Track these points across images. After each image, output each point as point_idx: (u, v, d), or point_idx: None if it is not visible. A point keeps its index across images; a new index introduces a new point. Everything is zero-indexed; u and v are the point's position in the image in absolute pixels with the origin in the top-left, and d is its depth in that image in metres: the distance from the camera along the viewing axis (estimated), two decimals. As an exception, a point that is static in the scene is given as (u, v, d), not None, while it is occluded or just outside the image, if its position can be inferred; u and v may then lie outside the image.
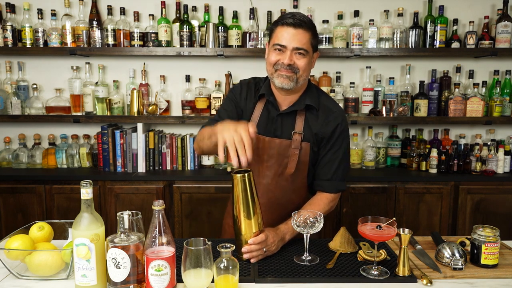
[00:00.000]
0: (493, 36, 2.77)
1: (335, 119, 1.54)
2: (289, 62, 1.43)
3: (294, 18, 1.42)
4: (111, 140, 2.72)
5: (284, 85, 1.47)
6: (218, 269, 1.10)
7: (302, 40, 1.42)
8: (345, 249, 1.43)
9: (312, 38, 1.45)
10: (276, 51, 1.45)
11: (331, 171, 1.55)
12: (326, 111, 1.55)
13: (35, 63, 2.93)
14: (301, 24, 1.42)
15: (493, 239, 1.30)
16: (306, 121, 1.54)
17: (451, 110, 2.78)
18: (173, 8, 2.83)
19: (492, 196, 2.65)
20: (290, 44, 1.42)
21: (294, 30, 1.42)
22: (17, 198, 2.60)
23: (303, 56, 1.44)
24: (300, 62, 1.44)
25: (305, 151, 1.53)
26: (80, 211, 1.12)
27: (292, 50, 1.43)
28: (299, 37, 1.42)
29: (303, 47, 1.43)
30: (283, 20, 1.44)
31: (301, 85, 1.51)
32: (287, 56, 1.43)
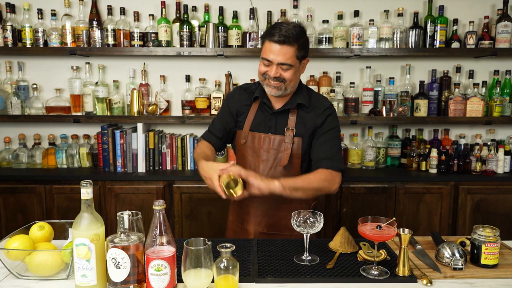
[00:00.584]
0: (493, 36, 2.77)
1: (325, 111, 1.66)
2: (275, 75, 1.56)
3: (279, 35, 1.51)
4: (111, 140, 2.72)
5: (273, 94, 1.61)
6: (218, 269, 1.10)
7: (286, 55, 1.53)
8: (345, 249, 1.43)
9: (297, 51, 1.55)
10: (263, 65, 1.58)
11: (328, 149, 1.62)
12: (317, 107, 1.67)
13: (35, 63, 2.93)
14: (285, 40, 1.51)
15: (493, 239, 1.30)
16: (298, 118, 1.66)
17: (451, 110, 2.78)
18: (173, 8, 2.83)
19: (492, 196, 2.65)
20: (275, 60, 1.54)
21: (279, 47, 1.52)
22: (17, 198, 2.60)
23: (288, 69, 1.56)
24: (286, 74, 1.56)
25: (297, 145, 1.64)
26: (80, 211, 1.12)
27: (278, 65, 1.55)
28: (283, 52, 1.52)
29: (287, 62, 1.54)
30: (270, 35, 1.54)
31: (292, 90, 1.64)
32: (273, 70, 1.55)
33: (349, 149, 2.89)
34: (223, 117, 1.75)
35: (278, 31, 1.52)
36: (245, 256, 1.39)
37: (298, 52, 1.55)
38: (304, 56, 1.60)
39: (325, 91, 2.86)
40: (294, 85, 1.62)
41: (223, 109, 1.77)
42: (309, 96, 1.69)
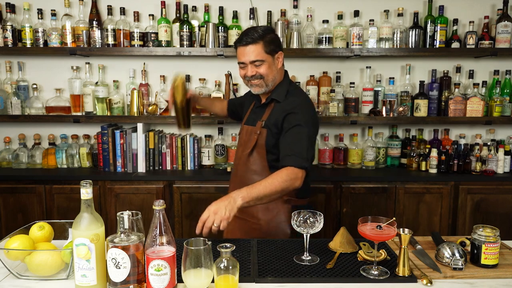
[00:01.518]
0: (493, 36, 2.77)
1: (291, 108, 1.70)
2: (252, 73, 1.71)
3: (244, 39, 1.69)
4: (111, 140, 2.72)
5: (257, 92, 1.78)
6: (218, 269, 1.10)
7: (254, 53, 1.69)
8: (345, 249, 1.43)
9: (264, 46, 1.69)
10: (241, 67, 1.75)
11: (292, 146, 1.64)
12: (289, 102, 1.74)
13: (35, 63, 2.93)
14: (250, 41, 1.68)
15: (493, 239, 1.30)
16: (272, 111, 1.76)
17: (451, 110, 2.78)
18: (173, 8, 2.83)
19: (492, 196, 2.65)
20: (247, 60, 1.70)
21: (246, 48, 1.70)
22: (17, 198, 2.60)
23: (261, 64, 1.70)
24: (261, 70, 1.71)
25: (261, 136, 1.74)
26: (80, 211, 1.12)
27: (250, 63, 1.71)
28: (250, 52, 1.69)
29: (256, 58, 1.69)
30: (238, 41, 1.73)
31: (273, 84, 1.77)
32: (249, 69, 1.72)
33: (349, 149, 2.89)
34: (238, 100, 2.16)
35: (244, 36, 1.70)
36: (245, 256, 1.39)
37: (266, 48, 1.69)
38: (275, 50, 1.73)
39: (325, 91, 2.86)
40: (273, 79, 1.75)
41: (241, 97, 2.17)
42: (287, 91, 1.78)
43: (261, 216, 1.73)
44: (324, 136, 2.92)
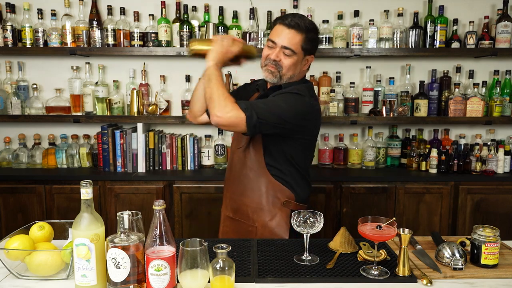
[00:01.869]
0: (493, 36, 2.77)
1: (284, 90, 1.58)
2: (275, 58, 1.56)
3: (291, 19, 1.53)
4: (111, 140, 2.72)
5: (268, 79, 1.61)
6: (214, 269, 1.10)
7: (291, 40, 1.53)
8: (345, 249, 1.43)
9: (304, 41, 1.55)
10: (268, 47, 1.59)
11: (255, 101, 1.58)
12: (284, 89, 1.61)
13: (35, 63, 2.93)
14: (295, 26, 1.53)
15: (493, 239, 1.30)
16: None
17: (451, 110, 2.78)
18: (173, 8, 2.83)
19: (492, 196, 2.65)
20: (280, 42, 1.54)
21: (287, 29, 1.53)
22: (17, 198, 2.60)
23: (289, 56, 1.55)
24: (285, 61, 1.56)
25: None
26: (80, 211, 1.12)
27: (281, 48, 1.55)
28: (289, 36, 1.53)
29: (291, 47, 1.54)
30: (282, 19, 1.56)
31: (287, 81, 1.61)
32: (275, 52, 1.56)
33: (349, 149, 2.89)
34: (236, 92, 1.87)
35: (291, 16, 1.54)
36: (245, 256, 1.39)
37: (304, 43, 1.55)
38: (310, 51, 1.60)
39: (325, 91, 2.86)
40: (290, 76, 1.59)
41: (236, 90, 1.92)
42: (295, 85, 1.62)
43: (256, 218, 1.64)
44: (324, 136, 2.92)
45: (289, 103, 1.52)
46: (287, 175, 1.63)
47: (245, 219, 1.67)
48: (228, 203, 1.75)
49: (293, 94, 1.55)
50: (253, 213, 1.64)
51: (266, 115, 1.47)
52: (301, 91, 1.58)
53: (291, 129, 1.55)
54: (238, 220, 1.69)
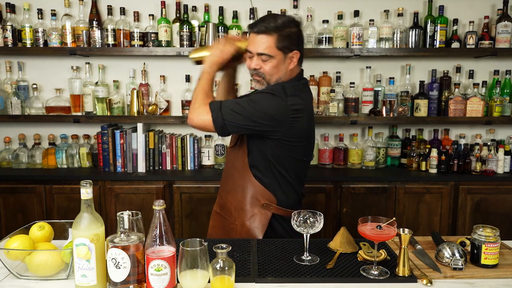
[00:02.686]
0: (493, 36, 2.77)
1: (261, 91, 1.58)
2: (254, 66, 1.55)
3: (259, 25, 1.51)
4: (111, 140, 2.72)
5: (257, 88, 1.61)
6: (214, 269, 1.10)
7: (263, 45, 1.51)
8: (345, 249, 1.43)
9: (277, 41, 1.51)
10: (249, 57, 1.58)
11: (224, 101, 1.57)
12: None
13: (35, 63, 2.93)
14: (263, 30, 1.50)
15: (493, 239, 1.30)
16: None
17: (451, 110, 2.78)
18: (173, 8, 2.83)
19: (492, 196, 2.65)
20: (254, 50, 1.53)
21: (257, 36, 1.52)
22: (17, 198, 2.60)
23: (267, 61, 1.53)
24: (265, 67, 1.54)
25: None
26: (80, 211, 1.12)
27: (257, 56, 1.53)
28: (261, 42, 1.51)
29: (265, 52, 1.51)
30: (251, 26, 1.55)
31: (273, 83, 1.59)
32: (253, 62, 1.55)
33: (349, 149, 2.89)
34: None
35: (260, 21, 1.52)
36: (245, 256, 1.39)
37: (279, 43, 1.51)
38: (289, 48, 1.54)
39: (325, 91, 2.86)
40: (277, 79, 1.56)
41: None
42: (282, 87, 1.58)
43: (237, 216, 1.64)
44: (324, 136, 2.92)
45: (258, 103, 1.50)
46: (268, 177, 1.60)
47: (229, 216, 1.68)
48: (218, 199, 1.78)
49: (264, 93, 1.53)
50: (235, 211, 1.65)
51: (233, 116, 1.48)
52: (275, 91, 1.53)
53: (262, 130, 1.52)
54: (223, 216, 1.71)
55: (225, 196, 1.71)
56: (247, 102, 1.51)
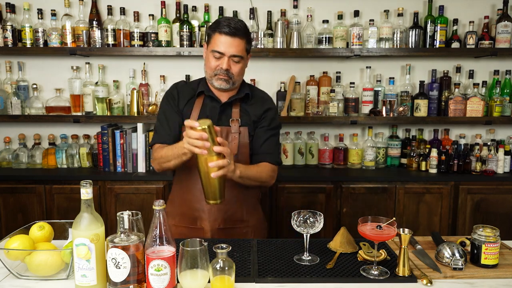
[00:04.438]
0: (493, 36, 2.77)
1: (269, 104, 1.76)
2: (227, 67, 1.59)
3: (230, 27, 1.55)
4: (111, 140, 2.72)
5: (222, 86, 1.63)
6: (214, 269, 1.10)
7: (238, 48, 1.58)
8: (345, 249, 1.43)
9: (246, 44, 1.62)
10: (215, 58, 1.60)
11: (272, 146, 1.72)
12: (260, 99, 1.76)
13: (35, 63, 2.93)
14: (237, 32, 1.56)
15: (493, 239, 1.30)
16: (242, 109, 1.70)
17: (451, 110, 2.78)
18: (173, 8, 2.83)
19: (492, 196, 2.65)
20: (228, 52, 1.57)
21: (231, 39, 1.56)
22: (17, 198, 2.60)
23: (238, 62, 1.61)
24: (235, 68, 1.61)
25: (243, 134, 1.68)
26: (80, 211, 1.12)
27: (229, 57, 1.58)
28: (235, 44, 1.57)
29: (239, 54, 1.59)
30: (220, 28, 1.56)
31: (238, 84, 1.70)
32: (225, 62, 1.58)
33: (349, 149, 2.89)
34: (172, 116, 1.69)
35: (228, 24, 1.56)
36: (245, 256, 1.39)
37: (247, 45, 1.62)
38: (249, 50, 1.67)
39: (325, 91, 2.86)
40: (240, 79, 1.68)
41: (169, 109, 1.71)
42: (251, 89, 1.75)
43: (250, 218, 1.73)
44: (324, 136, 2.92)
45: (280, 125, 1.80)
46: None
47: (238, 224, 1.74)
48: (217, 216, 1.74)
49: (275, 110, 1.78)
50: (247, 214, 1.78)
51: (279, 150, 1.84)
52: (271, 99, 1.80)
53: None
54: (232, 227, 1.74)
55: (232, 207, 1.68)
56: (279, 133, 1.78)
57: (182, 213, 1.70)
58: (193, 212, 1.68)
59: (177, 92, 1.73)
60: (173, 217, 1.72)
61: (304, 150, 2.90)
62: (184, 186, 1.69)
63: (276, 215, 2.61)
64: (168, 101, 1.73)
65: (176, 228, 1.69)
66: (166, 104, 1.73)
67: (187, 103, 1.70)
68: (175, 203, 1.73)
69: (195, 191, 1.65)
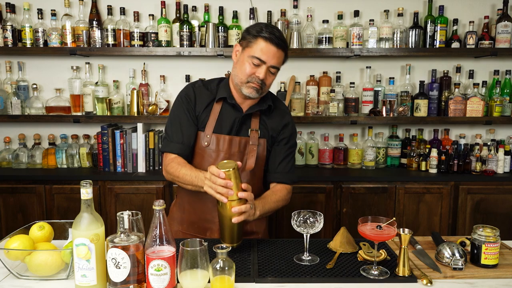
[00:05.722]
0: (493, 36, 2.77)
1: (287, 118, 1.69)
2: (263, 77, 1.50)
3: (275, 36, 1.47)
4: (111, 140, 2.72)
5: (251, 95, 1.54)
6: (214, 269, 1.10)
7: (279, 59, 1.51)
8: (345, 249, 1.43)
9: (285, 58, 1.55)
10: (252, 64, 1.49)
11: (289, 165, 1.67)
12: (280, 112, 1.68)
13: (35, 63, 2.93)
14: (281, 44, 1.49)
15: (493, 239, 1.30)
16: (261, 120, 1.63)
17: (451, 110, 2.78)
18: (173, 8, 2.83)
19: (492, 196, 2.65)
20: (269, 62, 1.49)
21: (275, 49, 1.48)
22: (17, 198, 2.60)
23: (274, 74, 1.54)
24: (269, 79, 1.54)
25: (263, 147, 1.62)
26: (80, 211, 1.12)
27: (268, 67, 1.50)
28: (278, 56, 1.50)
29: (278, 65, 1.52)
30: (266, 34, 1.47)
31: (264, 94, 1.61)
32: (262, 72, 1.49)
33: (349, 149, 2.89)
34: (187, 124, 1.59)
35: (272, 31, 1.47)
36: (245, 256, 1.39)
37: (285, 59, 1.56)
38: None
39: (325, 91, 2.86)
40: (268, 89, 1.61)
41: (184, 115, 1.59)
42: (272, 99, 1.66)
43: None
44: (324, 136, 2.92)
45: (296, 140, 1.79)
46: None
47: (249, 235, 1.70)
48: None
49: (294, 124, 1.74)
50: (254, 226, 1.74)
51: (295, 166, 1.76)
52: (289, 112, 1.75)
53: None
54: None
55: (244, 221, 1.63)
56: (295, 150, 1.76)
57: (191, 222, 1.65)
58: (203, 223, 1.62)
59: (193, 94, 1.61)
60: (181, 223, 1.68)
61: (304, 150, 2.90)
62: (194, 193, 1.57)
63: (276, 215, 2.61)
64: (182, 103, 1.61)
65: (184, 234, 1.64)
66: (180, 106, 1.61)
67: (205, 109, 1.60)
68: (184, 209, 1.67)
69: (206, 201, 1.58)
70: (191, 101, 1.60)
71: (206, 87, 1.64)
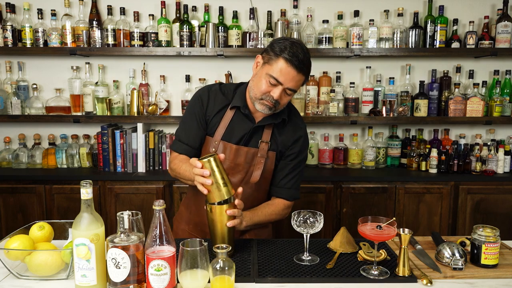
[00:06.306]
0: (493, 36, 2.77)
1: (300, 132, 1.63)
2: (278, 98, 1.45)
3: (298, 59, 1.40)
4: (111, 140, 2.72)
5: (264, 111, 1.50)
6: (214, 269, 1.10)
7: (297, 83, 1.45)
8: (345, 249, 1.43)
9: (304, 81, 1.50)
10: (269, 83, 1.44)
11: (293, 181, 1.63)
12: (294, 126, 1.62)
13: (35, 63, 2.93)
14: (303, 68, 1.42)
15: (493, 239, 1.30)
16: (273, 132, 1.58)
17: (451, 110, 2.78)
18: (173, 8, 2.83)
19: (492, 196, 2.65)
20: (287, 84, 1.44)
21: (295, 73, 1.42)
22: (17, 198, 2.60)
23: (289, 95, 1.49)
24: (284, 99, 1.49)
25: (271, 160, 1.58)
26: (80, 211, 1.12)
27: (285, 88, 1.45)
28: (297, 80, 1.44)
29: (295, 89, 1.47)
30: (288, 56, 1.40)
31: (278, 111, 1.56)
32: (278, 92, 1.44)
33: (349, 149, 2.89)
34: (195, 127, 1.57)
35: (296, 53, 1.40)
36: (245, 256, 1.39)
37: (303, 83, 1.51)
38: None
39: (325, 91, 2.86)
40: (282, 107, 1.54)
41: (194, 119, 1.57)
42: (288, 111, 1.62)
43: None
44: (324, 136, 2.92)
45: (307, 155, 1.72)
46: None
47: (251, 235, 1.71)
48: None
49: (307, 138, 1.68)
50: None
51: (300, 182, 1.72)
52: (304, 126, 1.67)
53: None
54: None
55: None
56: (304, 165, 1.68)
57: (196, 223, 1.66)
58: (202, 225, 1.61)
59: (207, 97, 1.58)
60: (187, 223, 1.69)
61: (304, 150, 2.90)
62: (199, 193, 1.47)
63: (276, 215, 2.61)
64: (194, 105, 1.59)
65: (190, 235, 1.66)
66: (192, 108, 1.59)
67: (217, 114, 1.57)
68: (192, 210, 1.67)
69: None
70: (203, 104, 1.58)
71: (222, 92, 1.60)
